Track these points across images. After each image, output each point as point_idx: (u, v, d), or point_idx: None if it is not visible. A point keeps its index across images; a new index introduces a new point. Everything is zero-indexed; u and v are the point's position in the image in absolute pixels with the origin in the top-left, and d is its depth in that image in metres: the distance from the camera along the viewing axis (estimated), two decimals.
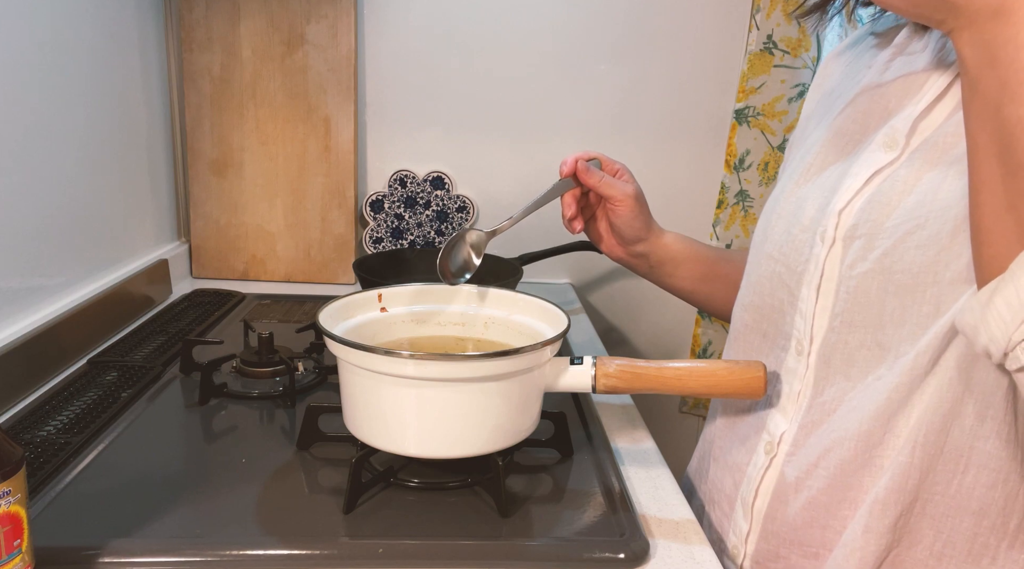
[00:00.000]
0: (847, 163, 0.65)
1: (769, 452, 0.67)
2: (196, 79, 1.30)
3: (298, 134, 1.32)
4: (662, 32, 1.39)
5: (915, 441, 0.56)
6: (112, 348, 0.98)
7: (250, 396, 0.87)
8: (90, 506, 0.64)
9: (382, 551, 0.59)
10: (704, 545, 0.64)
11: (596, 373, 0.69)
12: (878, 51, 0.69)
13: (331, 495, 0.67)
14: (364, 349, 0.63)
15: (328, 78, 1.31)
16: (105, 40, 1.09)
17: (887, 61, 0.66)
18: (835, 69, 0.76)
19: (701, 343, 1.52)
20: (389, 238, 1.43)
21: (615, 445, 0.80)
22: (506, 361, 0.65)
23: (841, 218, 0.63)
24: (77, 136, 1.02)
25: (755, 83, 1.38)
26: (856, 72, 0.71)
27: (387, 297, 0.79)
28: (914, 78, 0.63)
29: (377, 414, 0.66)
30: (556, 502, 0.69)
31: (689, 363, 0.70)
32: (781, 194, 0.71)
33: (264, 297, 1.26)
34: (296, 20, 1.29)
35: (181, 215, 1.37)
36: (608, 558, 0.60)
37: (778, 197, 0.72)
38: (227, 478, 0.70)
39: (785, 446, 0.66)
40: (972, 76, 0.49)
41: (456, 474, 0.70)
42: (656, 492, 0.72)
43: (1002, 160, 0.48)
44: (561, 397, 0.83)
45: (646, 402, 0.89)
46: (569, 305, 1.34)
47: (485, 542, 0.62)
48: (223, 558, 0.58)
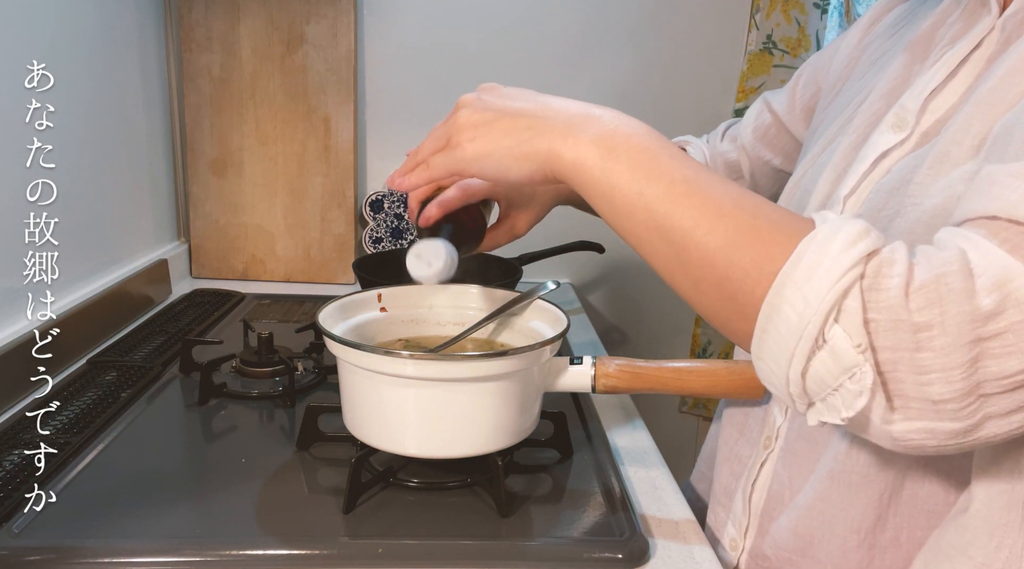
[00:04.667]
0: (859, 142, 0.64)
1: (767, 446, 0.67)
2: (196, 79, 1.30)
3: (298, 134, 1.32)
4: (661, 32, 1.39)
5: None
6: (112, 348, 0.98)
7: (250, 396, 0.87)
8: (90, 506, 0.64)
9: (382, 551, 0.59)
10: (704, 545, 0.64)
11: (596, 373, 0.69)
12: (925, 16, 0.67)
13: (331, 495, 0.67)
14: (364, 349, 0.63)
15: (328, 78, 1.31)
16: (105, 40, 1.09)
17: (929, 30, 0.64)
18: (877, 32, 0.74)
19: (701, 343, 1.52)
20: (389, 238, 1.43)
21: (615, 445, 0.80)
22: (506, 361, 0.65)
23: (847, 205, 0.61)
24: (77, 136, 1.02)
25: (754, 83, 1.38)
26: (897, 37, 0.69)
27: (387, 297, 0.79)
28: (923, 49, 0.61)
29: (377, 414, 0.66)
30: (556, 502, 0.69)
31: (689, 363, 0.70)
32: (802, 177, 0.71)
33: (264, 297, 1.26)
34: (296, 20, 1.29)
35: (181, 215, 1.37)
36: (608, 558, 0.60)
37: (798, 180, 0.71)
38: (227, 478, 0.70)
39: (780, 441, 0.66)
40: (605, 176, 0.52)
41: (456, 474, 0.70)
42: (656, 492, 0.72)
43: (668, 242, 0.49)
44: (561, 397, 0.83)
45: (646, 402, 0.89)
46: (569, 305, 1.34)
47: (485, 542, 0.62)
48: (223, 558, 0.58)
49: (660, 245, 0.50)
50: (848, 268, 0.42)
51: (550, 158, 0.54)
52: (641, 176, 0.51)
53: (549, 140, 0.54)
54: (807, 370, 0.44)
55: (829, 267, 0.43)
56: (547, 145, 0.54)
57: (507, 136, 0.56)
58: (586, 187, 0.53)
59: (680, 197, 0.49)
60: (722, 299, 0.48)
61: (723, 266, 0.47)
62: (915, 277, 0.42)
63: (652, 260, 0.52)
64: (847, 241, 0.43)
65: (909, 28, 0.69)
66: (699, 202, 0.49)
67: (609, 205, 0.52)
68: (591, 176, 0.53)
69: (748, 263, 0.46)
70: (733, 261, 0.47)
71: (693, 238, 0.48)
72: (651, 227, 0.50)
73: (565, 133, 0.54)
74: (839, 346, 0.42)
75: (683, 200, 0.49)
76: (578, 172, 0.53)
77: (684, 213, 0.49)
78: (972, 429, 0.42)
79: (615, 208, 0.52)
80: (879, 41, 0.73)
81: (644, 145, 0.52)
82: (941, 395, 0.42)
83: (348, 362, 0.66)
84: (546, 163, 0.55)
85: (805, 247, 0.44)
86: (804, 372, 0.44)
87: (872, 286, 0.42)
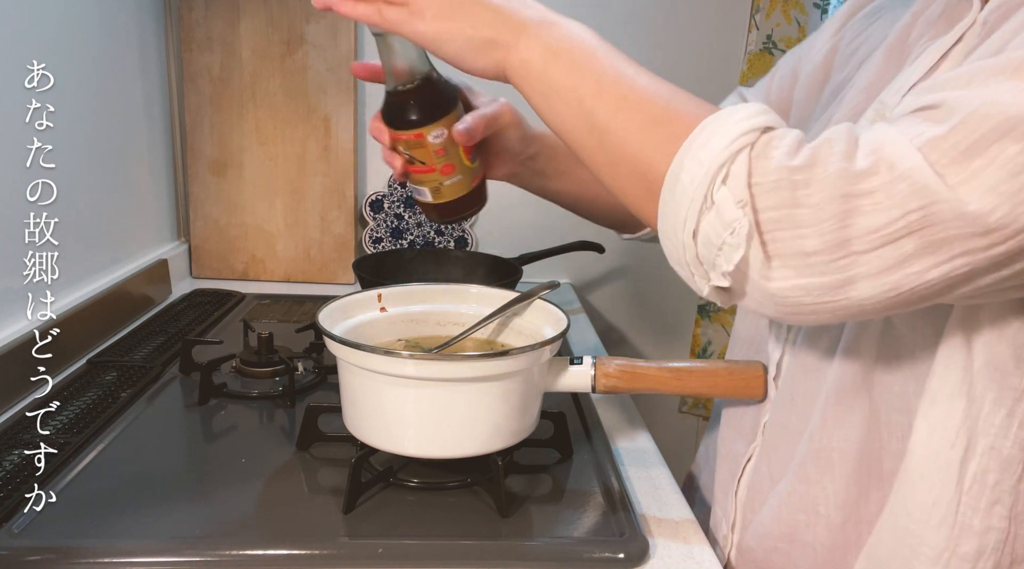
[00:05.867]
0: None
1: (752, 441, 0.67)
2: (196, 79, 1.30)
3: (298, 134, 1.32)
4: (661, 32, 1.39)
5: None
6: (112, 348, 0.98)
7: (250, 396, 0.87)
8: (90, 506, 0.64)
9: (382, 551, 0.59)
10: (704, 545, 0.64)
11: (596, 373, 0.69)
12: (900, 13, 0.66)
13: (331, 495, 0.67)
14: (364, 349, 0.63)
15: (328, 78, 1.31)
16: (105, 40, 1.09)
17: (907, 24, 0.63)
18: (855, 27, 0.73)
19: (701, 343, 1.52)
20: (389, 238, 1.43)
21: (615, 445, 0.80)
22: (506, 361, 0.65)
23: None
24: (77, 136, 1.02)
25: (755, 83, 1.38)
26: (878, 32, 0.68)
27: (387, 297, 0.79)
28: (903, 43, 0.60)
29: (377, 414, 0.66)
30: (556, 502, 0.69)
31: (689, 363, 0.70)
32: None
33: (264, 297, 1.26)
34: (296, 20, 1.29)
35: (181, 215, 1.37)
36: (608, 558, 0.60)
37: None
38: (227, 478, 0.70)
39: (762, 436, 0.66)
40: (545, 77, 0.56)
41: (456, 474, 0.70)
42: (656, 492, 0.72)
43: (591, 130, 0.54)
44: (561, 397, 0.83)
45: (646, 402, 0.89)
46: (569, 305, 1.34)
47: (485, 542, 0.62)
48: (223, 558, 0.58)
49: (586, 136, 0.55)
50: (740, 135, 0.47)
51: (506, 58, 0.57)
52: (576, 75, 0.55)
53: (507, 39, 0.57)
54: (697, 231, 0.48)
55: (723, 134, 0.47)
56: (504, 43, 0.57)
57: (471, 26, 0.57)
58: (528, 86, 0.57)
59: (606, 91, 0.54)
60: (635, 180, 0.52)
61: (635, 146, 0.52)
62: (803, 147, 0.47)
63: (580, 152, 0.56)
64: (745, 115, 0.48)
65: (888, 19, 0.68)
66: (622, 93, 0.53)
67: (546, 103, 0.57)
68: (534, 77, 0.57)
69: (658, 140, 0.51)
70: (644, 140, 0.52)
71: (612, 125, 0.53)
72: (580, 121, 0.55)
73: (519, 34, 0.57)
74: (723, 205, 0.46)
75: (609, 93, 0.53)
76: (524, 72, 0.57)
77: (608, 104, 0.53)
78: (843, 285, 0.45)
79: (551, 106, 0.56)
80: (857, 31, 0.72)
81: (585, 47, 0.56)
82: (814, 248, 0.45)
83: (348, 362, 0.66)
84: (502, 61, 0.57)
85: (707, 122, 0.49)
86: (695, 233, 0.48)
87: (760, 154, 0.47)
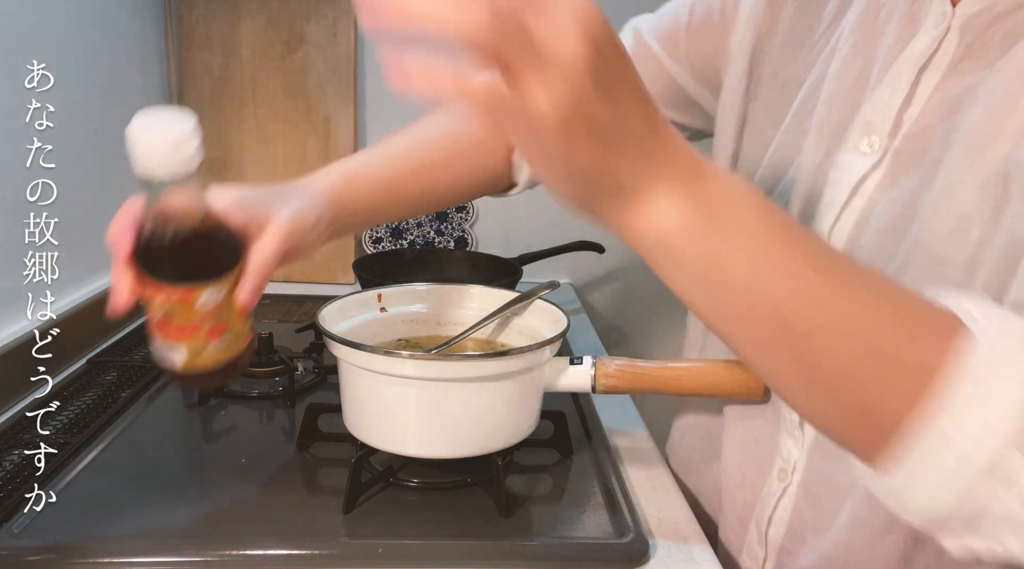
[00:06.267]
0: (822, 159, 0.58)
1: (783, 479, 0.62)
2: (196, 79, 1.30)
3: (298, 134, 1.32)
4: None
5: None
6: (112, 348, 0.98)
7: (250, 396, 0.87)
8: (90, 506, 0.64)
9: (382, 551, 0.59)
10: (704, 545, 0.64)
11: (596, 373, 0.69)
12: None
13: (331, 495, 0.67)
14: (364, 349, 0.63)
15: (328, 78, 1.31)
16: (105, 40, 1.09)
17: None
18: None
19: None
20: (389, 238, 1.43)
21: (615, 445, 0.80)
22: (506, 361, 0.65)
23: (831, 240, 0.56)
24: (77, 136, 1.02)
25: None
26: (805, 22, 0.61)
27: (387, 297, 0.79)
28: (873, 25, 0.55)
29: (377, 414, 0.66)
30: (556, 502, 0.69)
31: (689, 363, 0.70)
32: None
33: (263, 297, 1.25)
34: (296, 20, 1.29)
35: None
36: (608, 558, 0.60)
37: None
38: (227, 478, 0.70)
39: (798, 476, 0.61)
40: (681, 245, 0.39)
41: (456, 474, 0.70)
42: (656, 492, 0.72)
43: (788, 342, 0.40)
44: (561, 397, 0.83)
45: (646, 402, 0.89)
46: (569, 305, 1.34)
47: (485, 542, 0.61)
48: (223, 558, 0.58)
49: (775, 345, 0.40)
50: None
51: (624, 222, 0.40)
52: (759, 260, 0.39)
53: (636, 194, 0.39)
54: (970, 495, 0.37)
55: (1006, 387, 0.36)
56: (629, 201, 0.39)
57: (594, 158, 0.37)
58: (670, 263, 0.40)
59: (814, 289, 0.39)
60: (849, 412, 0.40)
61: (862, 376, 0.39)
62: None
63: (755, 358, 0.42)
64: (1018, 349, 0.37)
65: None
66: (839, 299, 0.39)
67: (705, 289, 0.40)
68: (682, 253, 0.39)
69: (893, 376, 0.38)
70: (874, 370, 0.38)
71: (825, 343, 0.39)
72: (767, 325, 0.39)
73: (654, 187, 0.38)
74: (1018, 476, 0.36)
75: (817, 294, 0.39)
76: (664, 245, 0.39)
77: (817, 311, 0.38)
78: None
79: (716, 297, 0.40)
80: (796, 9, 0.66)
81: (759, 215, 0.39)
82: None
83: (348, 362, 0.66)
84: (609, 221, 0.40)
85: (966, 361, 0.37)
86: (966, 499, 0.38)
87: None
